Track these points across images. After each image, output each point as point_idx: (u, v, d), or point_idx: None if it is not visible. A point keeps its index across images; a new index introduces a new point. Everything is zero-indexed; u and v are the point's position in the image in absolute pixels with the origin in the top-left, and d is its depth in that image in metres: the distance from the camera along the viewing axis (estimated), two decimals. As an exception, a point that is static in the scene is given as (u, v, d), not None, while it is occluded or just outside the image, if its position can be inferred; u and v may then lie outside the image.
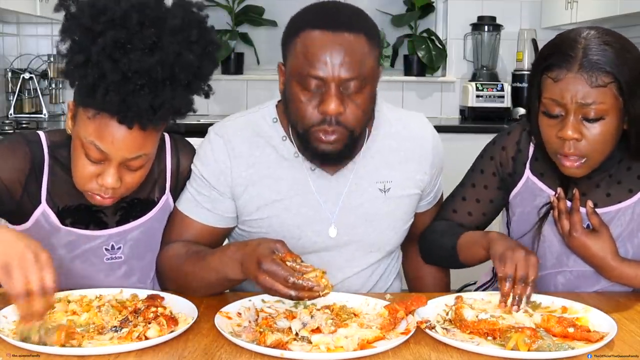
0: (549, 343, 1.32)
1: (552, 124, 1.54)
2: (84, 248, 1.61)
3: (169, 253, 1.64)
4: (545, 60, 1.54)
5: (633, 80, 1.49)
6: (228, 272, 1.47)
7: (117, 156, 1.45)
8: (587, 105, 1.48)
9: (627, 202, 1.64)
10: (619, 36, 1.54)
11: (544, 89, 1.54)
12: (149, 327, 1.33)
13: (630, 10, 3.31)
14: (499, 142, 1.76)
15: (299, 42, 1.51)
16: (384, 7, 4.63)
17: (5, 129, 3.58)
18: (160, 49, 1.40)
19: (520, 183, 1.72)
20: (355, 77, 1.49)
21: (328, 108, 1.49)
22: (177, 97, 1.44)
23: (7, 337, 1.30)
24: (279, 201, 1.64)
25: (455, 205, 1.80)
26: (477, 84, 4.32)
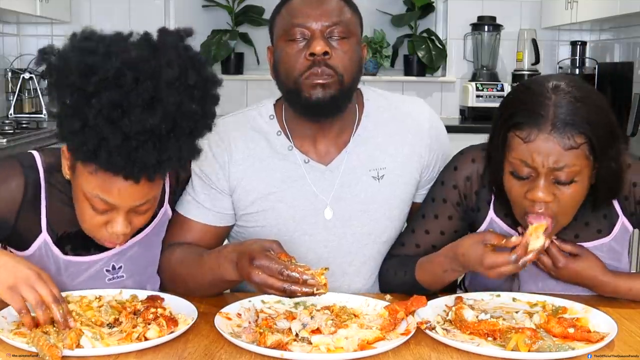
0: (549, 344, 1.31)
1: (521, 184, 1.44)
2: (86, 275, 1.59)
3: (169, 256, 1.64)
4: (513, 117, 1.43)
5: (604, 139, 1.41)
6: (224, 272, 1.47)
7: (124, 205, 1.40)
8: (559, 169, 1.40)
9: (596, 243, 1.60)
10: (588, 89, 1.46)
11: (511, 147, 1.43)
12: (148, 327, 1.33)
13: (630, 10, 3.31)
14: (462, 170, 1.63)
15: (284, 10, 1.61)
16: (384, 7, 4.63)
17: (6, 129, 3.58)
18: (160, 103, 1.31)
19: (485, 224, 1.63)
20: (337, 22, 1.57)
21: (315, 48, 1.55)
22: (183, 147, 1.36)
23: (6, 337, 1.30)
24: (273, 194, 1.65)
25: (418, 239, 1.66)
26: (477, 84, 4.32)
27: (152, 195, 1.43)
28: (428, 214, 1.66)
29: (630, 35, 3.99)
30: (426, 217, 1.66)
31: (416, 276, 1.59)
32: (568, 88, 1.42)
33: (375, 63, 4.54)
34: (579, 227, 1.59)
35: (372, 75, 4.55)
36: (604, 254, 1.60)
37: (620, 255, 1.65)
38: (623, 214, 1.61)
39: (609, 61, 4.29)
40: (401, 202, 1.71)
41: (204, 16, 4.60)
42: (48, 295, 1.33)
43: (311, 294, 1.35)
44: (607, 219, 1.60)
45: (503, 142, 1.45)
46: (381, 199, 1.68)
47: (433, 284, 1.58)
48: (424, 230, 1.66)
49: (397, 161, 1.69)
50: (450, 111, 4.59)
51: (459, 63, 4.60)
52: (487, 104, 4.27)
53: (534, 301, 1.56)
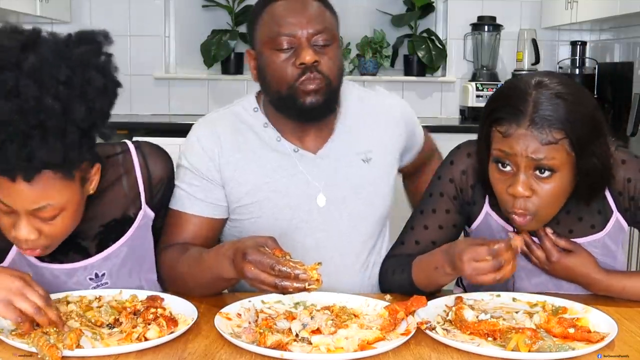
0: (549, 344, 1.32)
1: (503, 178, 1.47)
2: (69, 284, 1.56)
3: (169, 256, 1.64)
4: (494, 112, 1.46)
5: (585, 136, 1.42)
6: (221, 270, 1.48)
7: (20, 208, 1.34)
8: (537, 161, 1.41)
9: (590, 238, 1.61)
10: (572, 86, 1.47)
11: (493, 141, 1.47)
12: (148, 328, 1.33)
13: (630, 10, 3.31)
14: (458, 164, 1.66)
15: (265, 15, 1.65)
16: (384, 7, 4.62)
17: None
18: (19, 96, 1.24)
19: (480, 218, 1.65)
20: (322, 29, 1.62)
21: (304, 58, 1.60)
22: (49, 147, 1.26)
23: (6, 338, 1.31)
24: (267, 184, 1.68)
25: (418, 236, 1.68)
26: (477, 84, 4.32)
27: (52, 201, 1.34)
28: (426, 209, 1.68)
29: (630, 35, 3.99)
30: (424, 213, 1.68)
31: (412, 275, 1.59)
32: (551, 85, 1.44)
33: (375, 63, 4.54)
34: (572, 222, 1.60)
35: (372, 75, 4.55)
36: (598, 250, 1.61)
37: (615, 253, 1.65)
38: (617, 209, 1.61)
39: (609, 61, 4.28)
40: (389, 180, 1.80)
41: (204, 16, 4.59)
42: (39, 299, 1.32)
43: (303, 290, 1.35)
44: (602, 215, 1.61)
45: (487, 137, 1.49)
46: (371, 180, 1.75)
47: (427, 284, 1.58)
48: (422, 226, 1.68)
49: (381, 144, 1.78)
50: (450, 111, 4.59)
51: (459, 63, 4.59)
52: (487, 104, 4.27)
53: (534, 301, 1.56)
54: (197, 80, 4.47)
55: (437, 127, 4.06)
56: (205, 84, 4.51)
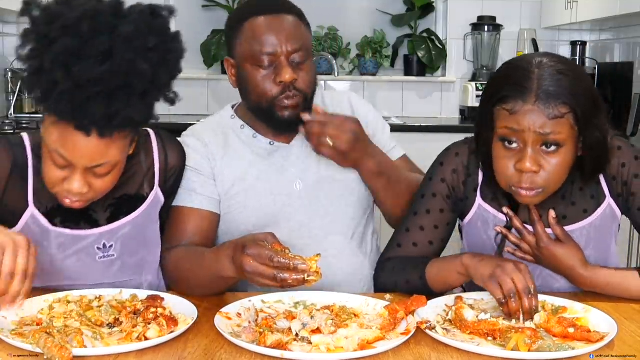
0: (549, 343, 1.32)
1: (509, 155, 1.50)
2: (75, 248, 1.61)
3: (171, 256, 1.67)
4: (499, 92, 1.50)
5: (588, 109, 1.47)
6: (221, 269, 1.49)
7: (79, 163, 1.43)
8: (545, 135, 1.45)
9: (584, 222, 1.63)
10: (571, 64, 1.53)
11: (498, 120, 1.50)
12: (148, 327, 1.33)
13: (630, 10, 3.31)
14: (448, 164, 1.70)
15: (246, 29, 1.72)
16: (384, 7, 4.63)
17: (5, 129, 3.58)
18: (113, 58, 1.36)
19: (472, 211, 1.68)
20: (300, 48, 1.71)
21: (284, 77, 1.69)
22: (132, 106, 1.39)
23: (6, 338, 1.30)
24: (249, 174, 1.79)
25: (415, 238, 1.69)
26: (477, 84, 4.32)
27: (110, 159, 1.45)
28: (420, 210, 1.70)
29: (630, 35, 3.99)
30: (419, 214, 1.70)
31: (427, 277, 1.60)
32: (551, 62, 1.49)
33: (375, 63, 4.54)
34: (566, 208, 1.63)
35: (372, 75, 4.55)
36: (589, 235, 1.63)
37: (608, 241, 1.66)
38: (610, 195, 1.64)
39: (609, 61, 4.29)
40: None
41: (204, 16, 4.60)
42: (23, 264, 1.35)
43: (302, 282, 1.36)
44: (594, 199, 1.64)
45: (491, 117, 1.52)
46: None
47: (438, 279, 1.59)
48: (418, 227, 1.70)
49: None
50: (450, 111, 4.59)
51: (459, 63, 4.60)
52: (487, 104, 4.27)
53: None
54: (197, 80, 4.46)
55: (437, 127, 4.08)
56: (205, 84, 4.51)
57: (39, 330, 1.31)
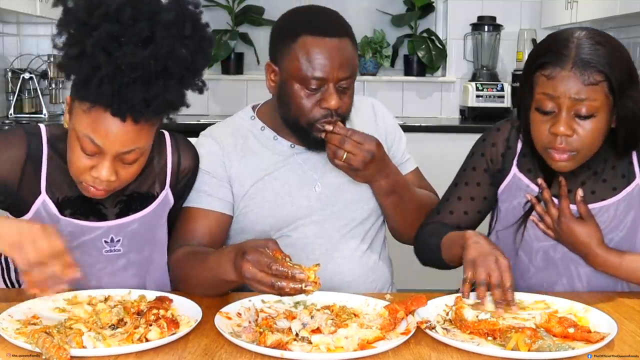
0: (549, 343, 1.32)
1: (545, 119, 1.56)
2: (83, 239, 1.62)
3: (176, 256, 1.68)
4: (538, 59, 1.57)
5: (623, 80, 1.53)
6: (223, 271, 1.49)
7: (111, 149, 1.46)
8: (579, 101, 1.51)
9: (611, 200, 1.67)
10: (610, 37, 1.58)
11: (536, 85, 1.56)
12: (150, 329, 1.33)
13: (630, 10, 3.31)
14: (489, 139, 1.77)
15: (299, 46, 1.69)
16: (384, 7, 4.63)
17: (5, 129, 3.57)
18: (154, 43, 1.42)
19: (508, 179, 1.74)
20: (349, 75, 1.71)
21: (330, 104, 1.69)
22: (170, 91, 1.46)
23: (9, 337, 1.30)
24: (268, 175, 1.79)
25: (452, 206, 1.80)
26: (477, 84, 4.32)
27: (140, 145, 1.49)
28: (460, 182, 1.81)
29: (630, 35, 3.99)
30: (458, 185, 1.81)
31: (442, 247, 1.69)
32: (590, 34, 1.56)
33: (375, 63, 4.54)
34: (596, 183, 1.67)
35: (372, 75, 4.55)
36: (615, 213, 1.65)
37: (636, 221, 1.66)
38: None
39: (609, 61, 4.28)
40: None
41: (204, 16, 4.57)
42: (47, 247, 1.36)
43: (300, 291, 1.36)
44: (625, 179, 1.68)
45: (530, 84, 1.58)
46: None
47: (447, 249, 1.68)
48: (456, 197, 1.80)
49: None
50: (450, 111, 4.59)
51: (459, 63, 4.60)
52: (487, 104, 4.27)
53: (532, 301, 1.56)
54: (197, 80, 4.46)
55: (437, 127, 4.08)
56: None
57: (38, 330, 1.31)
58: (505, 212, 1.75)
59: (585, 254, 1.63)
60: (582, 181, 1.67)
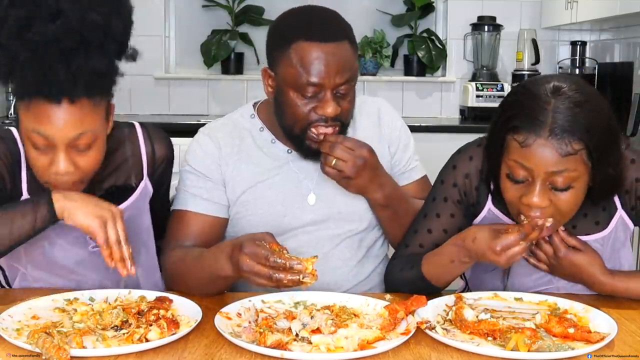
0: (549, 343, 1.32)
1: (517, 187, 1.46)
2: (67, 238, 1.62)
3: (171, 255, 1.67)
4: (511, 120, 1.43)
5: (603, 145, 1.42)
6: (220, 267, 1.49)
7: (61, 137, 1.44)
8: (556, 173, 1.40)
9: (598, 236, 1.61)
10: (589, 93, 1.45)
11: (508, 149, 1.45)
12: (150, 329, 1.33)
13: (630, 10, 3.31)
14: (461, 168, 1.66)
15: (293, 52, 1.62)
16: (384, 7, 4.63)
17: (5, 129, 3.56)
18: (63, 16, 1.39)
19: (482, 214, 1.65)
20: (347, 80, 1.63)
21: (327, 111, 1.62)
22: (93, 60, 1.42)
23: (9, 337, 1.30)
24: (262, 182, 1.74)
25: (421, 239, 1.68)
26: (477, 84, 4.32)
27: (88, 128, 1.45)
28: (430, 213, 1.68)
29: (630, 35, 3.99)
30: (428, 216, 1.68)
31: (423, 270, 1.60)
32: (569, 92, 1.41)
33: (375, 63, 4.54)
34: (577, 218, 1.58)
35: (372, 75, 4.55)
36: (602, 248, 1.61)
37: (620, 251, 1.65)
38: (622, 207, 1.61)
39: (609, 61, 4.28)
40: None
41: (204, 16, 4.59)
42: (122, 232, 1.45)
43: (298, 282, 1.36)
44: (606, 212, 1.61)
45: (501, 144, 1.46)
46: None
47: (440, 277, 1.60)
48: (426, 230, 1.68)
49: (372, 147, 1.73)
50: (450, 111, 4.59)
51: (459, 63, 4.59)
52: (487, 104, 4.27)
53: (536, 301, 1.56)
54: (197, 80, 4.46)
55: (437, 127, 4.08)
56: (205, 84, 4.51)
57: (38, 330, 1.31)
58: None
59: (591, 283, 1.57)
60: None
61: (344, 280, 1.78)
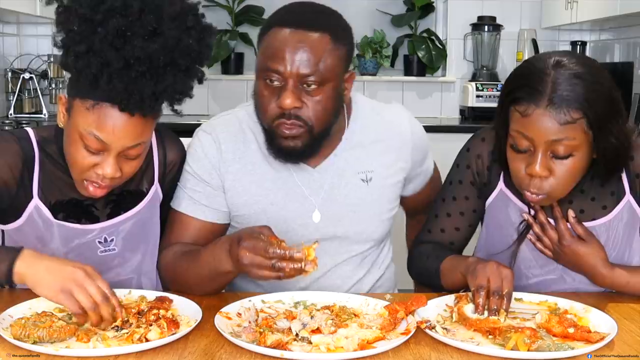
0: (548, 343, 1.32)
1: (520, 157, 1.49)
2: (77, 242, 1.62)
3: (168, 254, 1.66)
4: (513, 92, 1.48)
5: (603, 114, 1.44)
6: (218, 263, 1.48)
7: (117, 145, 1.45)
8: (556, 141, 1.43)
9: (603, 220, 1.62)
10: (591, 65, 1.48)
11: (511, 121, 1.48)
12: (150, 329, 1.33)
13: (630, 10, 3.31)
14: (474, 150, 1.70)
15: (266, 39, 1.57)
16: (384, 7, 4.63)
17: (5, 129, 3.58)
18: (161, 35, 1.42)
19: (494, 194, 1.68)
20: (312, 73, 1.52)
21: (284, 102, 1.53)
22: (178, 82, 1.46)
23: (9, 337, 1.31)
24: (264, 196, 1.67)
25: (442, 224, 1.73)
26: (477, 84, 4.32)
27: (144, 139, 1.49)
28: (447, 197, 1.74)
29: (630, 35, 3.99)
30: (446, 201, 1.74)
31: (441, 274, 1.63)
32: (569, 64, 1.45)
33: (375, 63, 4.54)
34: (585, 202, 1.61)
35: (372, 75, 4.55)
36: (608, 232, 1.61)
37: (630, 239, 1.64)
38: (630, 192, 1.62)
39: (609, 61, 4.28)
40: (389, 203, 1.75)
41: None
42: (97, 294, 1.36)
43: (300, 271, 1.36)
44: (614, 196, 1.62)
45: (505, 117, 1.51)
46: (370, 201, 1.71)
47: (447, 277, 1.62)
48: (445, 214, 1.74)
49: (384, 165, 1.72)
50: (450, 111, 4.59)
51: (459, 63, 4.59)
52: (487, 104, 4.27)
53: (536, 301, 1.56)
54: (197, 80, 4.46)
55: (437, 127, 4.07)
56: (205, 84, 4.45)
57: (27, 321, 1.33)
58: (493, 230, 1.71)
59: (592, 275, 1.59)
60: (570, 200, 1.60)
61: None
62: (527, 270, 1.68)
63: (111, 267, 1.66)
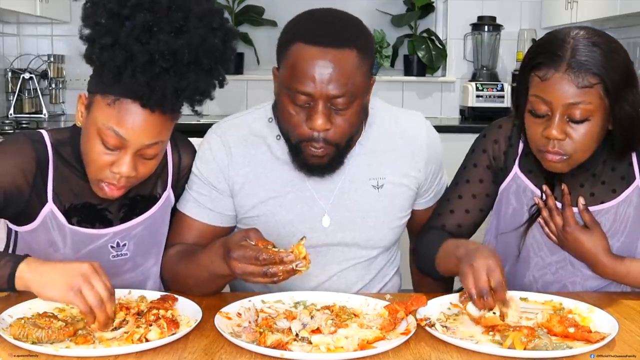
0: (545, 342, 1.32)
1: (538, 122, 1.54)
2: (90, 247, 1.62)
3: (170, 255, 1.67)
4: (534, 59, 1.54)
5: (619, 82, 1.50)
6: (216, 267, 1.48)
7: (135, 142, 1.46)
8: (573, 105, 1.48)
9: (611, 203, 1.64)
10: (608, 37, 1.55)
11: (531, 86, 1.54)
12: (150, 329, 1.33)
13: (630, 10, 3.31)
14: (490, 136, 1.74)
15: (290, 54, 1.52)
16: (384, 7, 4.63)
17: (5, 129, 3.58)
18: (187, 33, 1.42)
19: (509, 178, 1.71)
20: (343, 94, 1.50)
21: (315, 124, 1.51)
22: (200, 81, 1.47)
23: (9, 337, 1.31)
24: (273, 198, 1.66)
25: (453, 206, 1.75)
26: (477, 84, 4.32)
27: (162, 138, 1.49)
28: (460, 180, 1.76)
29: (630, 35, 3.99)
30: (459, 184, 1.76)
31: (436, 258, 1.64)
32: (588, 34, 1.52)
33: (375, 63, 4.54)
34: (595, 185, 1.65)
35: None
36: (615, 216, 1.63)
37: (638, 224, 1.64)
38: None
39: (609, 61, 4.28)
40: (400, 211, 1.73)
41: (204, 16, 4.59)
42: (103, 289, 1.35)
43: (293, 272, 1.36)
44: (624, 180, 1.65)
45: (525, 84, 1.55)
46: (380, 208, 1.70)
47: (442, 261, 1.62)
48: (457, 196, 1.76)
49: (396, 173, 1.70)
50: (450, 111, 4.59)
51: (459, 63, 4.59)
52: (487, 104, 4.27)
53: (541, 301, 1.56)
54: (197, 80, 4.46)
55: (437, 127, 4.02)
56: (205, 84, 4.50)
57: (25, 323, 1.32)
58: (505, 213, 1.73)
59: (593, 264, 1.61)
60: (581, 183, 1.64)
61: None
62: (536, 254, 1.70)
63: (122, 271, 1.65)
